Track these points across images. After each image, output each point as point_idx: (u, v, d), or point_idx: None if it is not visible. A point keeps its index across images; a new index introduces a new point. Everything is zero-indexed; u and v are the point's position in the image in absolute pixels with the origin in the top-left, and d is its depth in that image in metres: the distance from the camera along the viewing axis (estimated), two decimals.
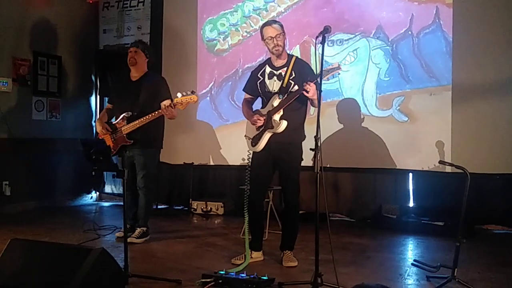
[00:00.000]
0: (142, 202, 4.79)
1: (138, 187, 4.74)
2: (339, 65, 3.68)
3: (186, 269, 3.77)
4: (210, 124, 6.60)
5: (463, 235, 3.32)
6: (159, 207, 6.70)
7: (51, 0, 6.88)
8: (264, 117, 3.84)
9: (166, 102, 4.59)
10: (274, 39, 3.83)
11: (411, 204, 5.72)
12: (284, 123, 3.77)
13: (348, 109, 5.81)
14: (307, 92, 3.58)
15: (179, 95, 4.24)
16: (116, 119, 4.72)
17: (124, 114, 4.57)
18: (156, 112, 4.45)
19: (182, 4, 6.85)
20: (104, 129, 4.64)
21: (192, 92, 4.26)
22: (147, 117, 4.47)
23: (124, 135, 4.55)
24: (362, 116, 5.73)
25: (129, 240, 4.35)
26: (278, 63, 3.93)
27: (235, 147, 6.27)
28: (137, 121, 4.49)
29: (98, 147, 5.47)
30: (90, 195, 7.45)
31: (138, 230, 4.73)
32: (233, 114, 6.33)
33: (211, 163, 6.58)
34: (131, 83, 4.78)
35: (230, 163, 6.39)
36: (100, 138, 4.72)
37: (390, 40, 5.66)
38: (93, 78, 7.51)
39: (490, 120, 5.24)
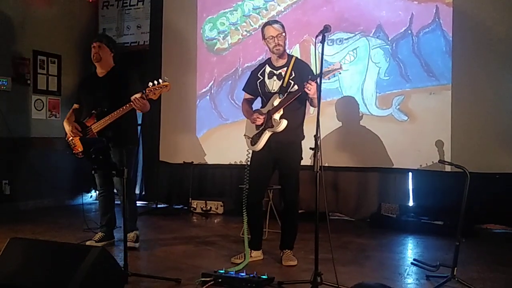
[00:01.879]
0: (126, 206, 4.32)
1: (116, 189, 4.51)
2: (340, 65, 3.67)
3: (186, 268, 3.77)
4: (209, 123, 6.59)
5: (463, 234, 3.32)
6: (158, 206, 6.70)
7: None
8: (264, 116, 3.85)
9: (137, 95, 4.16)
10: (275, 38, 3.83)
11: (410, 203, 5.73)
12: (284, 122, 3.77)
13: (347, 107, 5.82)
14: (309, 90, 3.58)
15: (150, 84, 4.02)
16: (83, 118, 4.45)
17: (93, 111, 4.32)
18: (127, 105, 4.15)
19: (182, 3, 6.85)
20: (74, 129, 4.36)
21: (165, 80, 4.02)
22: (117, 111, 4.19)
23: (95, 134, 4.28)
24: (360, 114, 5.73)
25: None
26: (278, 63, 3.93)
27: (234, 146, 6.25)
28: (107, 117, 4.22)
29: (98, 146, 5.41)
30: (89, 194, 7.45)
31: (132, 234, 4.44)
32: (232, 113, 6.32)
33: (211, 162, 6.58)
34: (98, 79, 4.50)
35: (230, 162, 6.39)
36: (69, 138, 4.44)
37: (389, 39, 5.66)
38: None
39: (490, 119, 5.24)
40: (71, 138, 4.44)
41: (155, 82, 4.04)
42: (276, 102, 3.81)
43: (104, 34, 4.90)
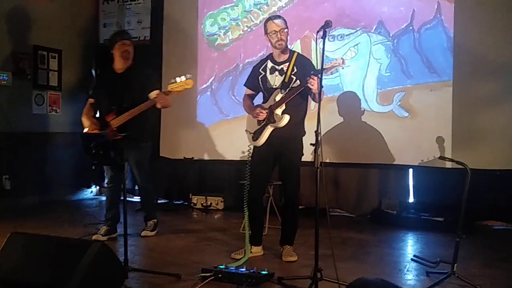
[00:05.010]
0: (146, 198, 4.85)
1: (137, 185, 4.77)
2: (343, 60, 3.66)
3: (186, 263, 3.78)
4: (210, 119, 6.59)
5: (463, 230, 3.32)
6: (159, 201, 6.70)
7: None
8: (267, 111, 3.84)
9: (155, 93, 4.42)
10: (278, 33, 3.83)
11: (411, 199, 5.72)
12: (286, 117, 3.77)
13: (349, 103, 5.80)
14: (312, 85, 3.57)
15: (173, 80, 4.14)
16: (101, 114, 4.59)
17: (112, 107, 4.42)
18: (149, 102, 4.30)
19: None
20: (93, 124, 4.46)
21: (187, 77, 4.13)
22: (139, 107, 4.32)
23: (115, 129, 4.36)
24: (362, 109, 5.72)
25: (143, 234, 4.70)
26: (280, 58, 3.93)
27: (235, 142, 6.25)
28: (127, 113, 4.32)
29: (98, 141, 5.38)
30: (90, 189, 7.45)
31: (150, 222, 4.78)
32: (233, 109, 6.32)
33: (211, 158, 6.58)
34: (117, 75, 4.58)
35: (230, 158, 6.38)
36: (88, 133, 4.46)
37: (391, 35, 5.65)
38: (93, 72, 7.50)
39: (491, 115, 5.23)
40: (90, 132, 4.49)
41: (177, 79, 4.14)
42: (278, 97, 3.81)
43: (126, 31, 5.06)
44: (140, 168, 4.65)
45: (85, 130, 4.53)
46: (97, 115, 4.69)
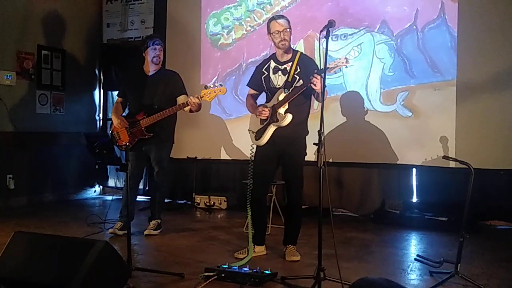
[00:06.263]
0: (158, 196, 4.91)
1: (155, 182, 4.86)
2: (346, 59, 3.66)
3: (189, 262, 3.78)
4: (213, 119, 6.59)
5: (467, 230, 3.31)
6: None
7: None
8: (269, 110, 3.84)
9: (183, 98, 4.66)
10: (281, 33, 3.83)
11: (414, 199, 5.72)
12: (289, 117, 3.77)
13: (352, 102, 5.79)
14: (315, 85, 3.57)
15: (207, 86, 4.35)
16: (130, 113, 4.78)
17: (142, 107, 4.61)
18: (181, 105, 4.49)
19: None
20: (122, 122, 4.65)
21: (220, 85, 4.33)
22: (171, 109, 4.52)
23: (143, 129, 4.58)
24: (365, 109, 5.71)
25: (146, 232, 4.73)
26: (283, 58, 3.93)
27: (238, 142, 6.28)
28: (158, 114, 4.52)
29: (102, 141, 5.45)
30: (93, 189, 7.47)
31: (153, 222, 4.83)
32: (236, 108, 6.32)
33: (214, 157, 6.58)
34: (148, 77, 4.76)
35: (233, 158, 6.39)
36: (115, 131, 4.73)
37: (394, 34, 5.64)
38: (96, 72, 7.53)
39: (495, 115, 5.22)
40: (117, 130, 4.72)
41: (210, 85, 4.35)
42: (281, 97, 3.81)
43: (160, 37, 5.12)
44: (160, 165, 4.76)
45: (113, 128, 4.75)
46: (124, 114, 4.89)
